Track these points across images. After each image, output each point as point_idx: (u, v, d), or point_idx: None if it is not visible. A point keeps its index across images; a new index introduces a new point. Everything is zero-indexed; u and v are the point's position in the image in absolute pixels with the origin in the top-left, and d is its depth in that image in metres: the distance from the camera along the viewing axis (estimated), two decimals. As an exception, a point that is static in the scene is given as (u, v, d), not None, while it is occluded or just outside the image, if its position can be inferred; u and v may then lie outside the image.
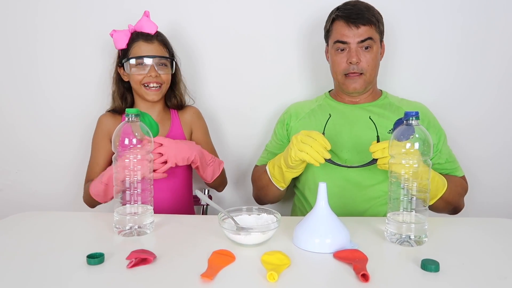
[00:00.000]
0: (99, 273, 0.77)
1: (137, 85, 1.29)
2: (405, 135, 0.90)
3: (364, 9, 1.25)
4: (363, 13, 1.24)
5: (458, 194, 1.23)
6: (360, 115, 1.30)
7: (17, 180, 1.64)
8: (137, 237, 0.94)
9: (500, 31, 1.54)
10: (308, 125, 1.34)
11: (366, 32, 1.24)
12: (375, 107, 1.32)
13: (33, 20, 1.55)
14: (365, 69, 1.26)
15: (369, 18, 1.24)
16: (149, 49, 1.27)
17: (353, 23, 1.24)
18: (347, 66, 1.26)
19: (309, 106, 1.39)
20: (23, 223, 1.04)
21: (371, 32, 1.24)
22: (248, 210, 1.00)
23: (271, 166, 1.25)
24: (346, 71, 1.27)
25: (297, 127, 1.35)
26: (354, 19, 1.24)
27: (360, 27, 1.24)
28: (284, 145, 1.37)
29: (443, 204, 1.18)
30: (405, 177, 0.90)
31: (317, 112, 1.36)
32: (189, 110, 1.43)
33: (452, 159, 1.29)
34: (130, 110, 0.96)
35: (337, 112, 1.33)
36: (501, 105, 1.58)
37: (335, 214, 0.91)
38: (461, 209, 1.28)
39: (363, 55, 1.25)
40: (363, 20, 1.24)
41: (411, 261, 0.81)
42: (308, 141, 1.06)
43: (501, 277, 0.76)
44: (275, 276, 0.73)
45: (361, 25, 1.24)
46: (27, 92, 1.59)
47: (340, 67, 1.28)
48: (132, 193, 0.97)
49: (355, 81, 1.27)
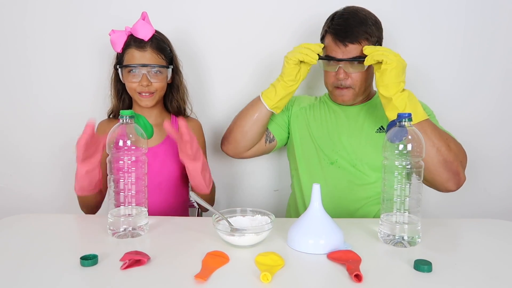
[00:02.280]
0: (92, 274, 0.77)
1: (131, 91, 1.28)
2: (398, 136, 0.91)
3: (356, 24, 1.21)
4: (352, 30, 1.20)
5: (446, 136, 1.13)
6: (352, 115, 1.32)
7: (10, 183, 1.63)
8: (131, 238, 0.94)
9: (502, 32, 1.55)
10: (307, 115, 1.36)
11: (354, 50, 1.20)
12: (367, 107, 1.33)
13: (27, 22, 1.54)
14: (353, 84, 1.25)
15: (359, 35, 1.20)
16: (141, 57, 1.24)
17: (341, 41, 1.20)
18: (336, 80, 1.25)
19: (310, 100, 1.42)
20: (16, 225, 1.04)
21: (359, 50, 1.20)
22: (242, 212, 1.00)
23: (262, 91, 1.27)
24: (335, 85, 1.27)
25: (298, 114, 1.37)
26: (342, 38, 1.20)
27: (348, 46, 1.20)
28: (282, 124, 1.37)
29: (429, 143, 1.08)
30: (398, 179, 0.91)
31: (316, 107, 1.38)
32: (191, 123, 1.40)
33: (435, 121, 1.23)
34: (124, 112, 0.96)
35: (332, 111, 1.35)
36: (504, 106, 1.59)
37: (329, 216, 0.91)
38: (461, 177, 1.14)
39: (353, 70, 1.23)
40: (351, 38, 1.19)
41: (404, 262, 0.82)
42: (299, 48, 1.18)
43: (493, 277, 0.76)
44: (268, 277, 0.73)
45: (349, 44, 1.20)
46: (20, 95, 1.58)
47: (330, 79, 1.28)
48: (126, 195, 0.97)
49: (343, 94, 1.27)
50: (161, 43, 1.29)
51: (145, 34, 1.24)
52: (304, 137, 1.35)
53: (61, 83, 1.58)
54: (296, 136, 1.36)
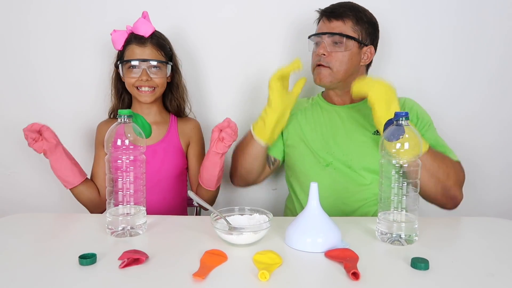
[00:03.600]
0: (91, 273, 0.77)
1: (130, 87, 1.29)
2: (395, 135, 0.91)
3: (345, 7, 1.26)
4: (339, 9, 1.25)
5: (445, 166, 1.12)
6: (345, 116, 1.31)
7: (8, 182, 1.63)
8: (129, 237, 0.95)
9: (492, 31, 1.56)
10: (299, 120, 1.35)
11: (337, 27, 1.24)
12: (362, 107, 1.31)
13: (27, 21, 1.54)
14: (331, 63, 1.24)
15: (345, 13, 1.24)
16: (141, 53, 1.26)
17: (326, 17, 1.26)
18: (316, 58, 1.27)
19: (303, 104, 1.40)
20: (15, 224, 1.04)
21: (343, 28, 1.24)
22: (241, 210, 1.00)
23: (253, 123, 1.26)
24: (316, 62, 1.28)
25: (289, 121, 1.34)
26: (328, 13, 1.26)
27: (332, 21, 1.25)
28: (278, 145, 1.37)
29: (428, 176, 1.09)
30: (395, 177, 0.91)
31: (309, 111, 1.37)
32: (190, 123, 1.42)
33: (440, 144, 1.23)
34: (122, 111, 0.96)
35: (326, 113, 1.34)
36: (501, 104, 1.60)
37: (326, 214, 0.92)
38: (458, 199, 1.18)
39: (333, 49, 1.24)
40: (335, 14, 1.25)
41: (402, 260, 0.82)
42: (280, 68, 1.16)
43: (489, 274, 0.77)
44: (266, 275, 0.74)
45: (334, 20, 1.25)
46: (18, 94, 1.58)
47: (313, 60, 1.30)
48: (124, 194, 0.97)
49: (321, 72, 1.26)
50: (161, 40, 1.31)
51: (145, 31, 1.27)
52: (298, 143, 1.33)
53: (60, 82, 1.58)
54: (289, 143, 1.35)
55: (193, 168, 1.39)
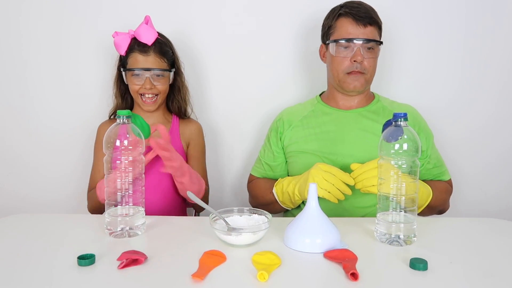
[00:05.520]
0: (90, 274, 0.77)
1: (134, 94, 1.31)
2: (394, 136, 0.91)
3: (369, 10, 1.26)
4: (369, 13, 1.24)
5: (442, 200, 1.25)
6: (354, 121, 1.29)
7: (7, 183, 1.63)
8: (128, 238, 0.95)
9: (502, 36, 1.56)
10: (301, 134, 1.31)
11: (372, 32, 1.24)
12: (368, 112, 1.30)
13: (25, 22, 1.54)
14: (367, 69, 1.25)
15: (375, 19, 1.25)
16: (144, 61, 1.26)
17: (361, 21, 1.23)
18: (350, 65, 1.24)
19: (301, 112, 1.37)
20: (13, 225, 1.04)
21: (375, 34, 1.25)
22: (239, 211, 1.00)
23: (279, 192, 1.22)
24: (348, 69, 1.25)
25: (290, 136, 1.33)
26: (362, 18, 1.23)
27: (367, 27, 1.23)
28: (279, 157, 1.36)
29: (429, 211, 1.21)
30: (394, 178, 0.91)
31: (310, 119, 1.33)
32: (192, 125, 1.42)
33: (439, 163, 1.30)
34: (121, 112, 0.96)
35: (332, 118, 1.31)
36: (503, 108, 1.60)
37: (325, 215, 0.92)
38: (446, 211, 1.30)
39: (366, 55, 1.24)
40: (370, 19, 1.23)
41: (400, 260, 0.82)
42: (329, 178, 1.06)
43: (488, 275, 0.77)
44: (265, 275, 0.74)
45: (368, 25, 1.23)
46: (17, 96, 1.58)
47: (343, 65, 1.25)
48: (123, 194, 0.97)
49: (357, 79, 1.25)
50: (164, 46, 1.31)
51: (148, 38, 1.26)
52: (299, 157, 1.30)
53: (59, 85, 1.58)
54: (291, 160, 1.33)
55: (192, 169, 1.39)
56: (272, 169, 1.38)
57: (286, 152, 1.35)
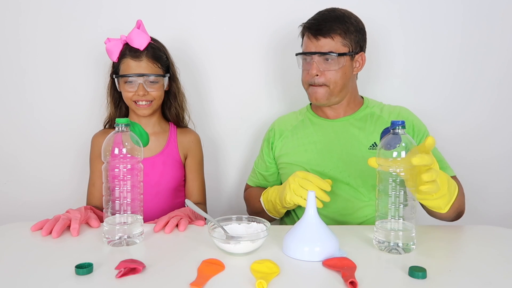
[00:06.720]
0: (87, 283, 0.76)
1: (128, 101, 1.29)
2: (392, 144, 0.91)
3: (330, 19, 1.20)
4: (325, 24, 1.19)
5: (462, 194, 1.12)
6: (340, 130, 1.28)
7: (5, 191, 1.62)
8: (126, 247, 0.94)
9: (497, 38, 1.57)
10: (291, 145, 1.31)
11: (326, 44, 1.19)
12: (355, 120, 1.29)
13: (20, 29, 1.55)
14: (328, 81, 1.21)
15: (332, 30, 1.18)
16: (137, 67, 1.24)
17: (313, 35, 1.20)
18: (310, 78, 1.23)
19: (292, 121, 1.37)
20: (11, 233, 1.04)
21: (332, 45, 1.19)
22: (238, 219, 1.00)
23: (265, 201, 1.23)
24: (310, 82, 1.24)
25: (281, 147, 1.33)
26: (314, 31, 1.20)
27: (320, 39, 1.19)
28: (271, 166, 1.37)
29: (453, 209, 1.05)
30: (393, 186, 0.91)
31: (299, 130, 1.33)
32: (190, 136, 1.40)
33: (439, 158, 1.23)
34: (120, 120, 0.96)
35: (318, 128, 1.31)
36: (500, 110, 1.61)
37: (324, 223, 0.92)
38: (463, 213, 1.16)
39: (326, 67, 1.20)
40: (322, 32, 1.19)
41: (399, 269, 0.82)
42: (306, 185, 1.06)
43: (487, 283, 0.77)
44: (264, 284, 0.73)
45: (321, 37, 1.19)
46: (14, 103, 1.58)
47: (305, 77, 1.25)
48: (121, 203, 0.97)
49: (317, 92, 1.23)
50: (157, 51, 1.28)
51: (140, 43, 1.24)
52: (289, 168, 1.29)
53: (56, 91, 1.58)
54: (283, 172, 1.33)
55: (189, 181, 1.39)
56: (265, 179, 1.39)
57: (277, 163, 1.36)
